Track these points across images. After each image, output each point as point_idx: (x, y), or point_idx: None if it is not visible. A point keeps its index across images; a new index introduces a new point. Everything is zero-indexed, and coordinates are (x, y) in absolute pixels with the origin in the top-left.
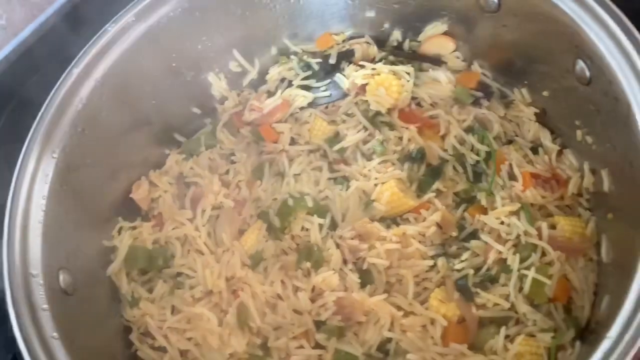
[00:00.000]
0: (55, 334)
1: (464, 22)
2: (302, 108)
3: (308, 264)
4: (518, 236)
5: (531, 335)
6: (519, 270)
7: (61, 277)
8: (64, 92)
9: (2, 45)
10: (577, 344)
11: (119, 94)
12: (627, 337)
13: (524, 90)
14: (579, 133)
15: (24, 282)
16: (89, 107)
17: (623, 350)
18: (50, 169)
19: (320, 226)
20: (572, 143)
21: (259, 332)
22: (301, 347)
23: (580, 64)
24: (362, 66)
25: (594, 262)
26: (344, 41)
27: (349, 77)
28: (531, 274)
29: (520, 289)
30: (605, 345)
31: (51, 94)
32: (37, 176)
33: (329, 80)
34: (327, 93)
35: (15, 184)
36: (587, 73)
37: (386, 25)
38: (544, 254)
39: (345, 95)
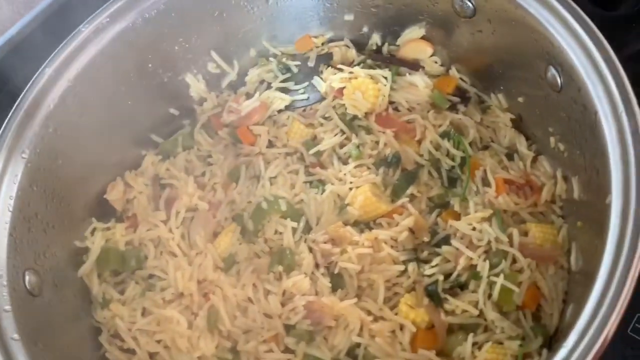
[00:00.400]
0: (15, 336)
1: (441, 26)
2: (280, 111)
3: (280, 268)
4: (489, 242)
5: (499, 342)
6: (488, 277)
7: (27, 278)
8: (35, 92)
9: None
10: (544, 352)
11: (93, 94)
12: (581, 346)
13: (501, 96)
14: (552, 140)
15: None
16: (61, 108)
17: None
18: (20, 170)
19: (294, 230)
20: (547, 150)
21: (228, 336)
22: (270, 351)
23: (552, 71)
24: (340, 69)
25: (565, 270)
26: (323, 44)
27: (327, 81)
28: (500, 281)
29: (490, 296)
30: (561, 354)
31: (22, 94)
32: (4, 176)
33: (307, 83)
34: (304, 96)
35: None
36: (559, 80)
37: (365, 29)
38: (514, 261)
39: (322, 98)
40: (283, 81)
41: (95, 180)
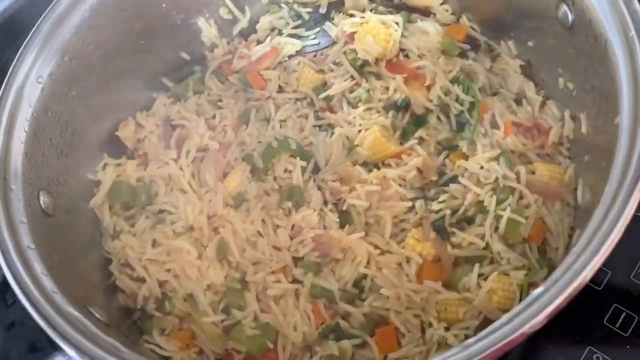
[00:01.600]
0: (32, 245)
1: None
2: (290, 56)
3: (289, 204)
4: (496, 180)
5: (505, 273)
6: (495, 211)
7: (42, 198)
8: (54, 18)
9: None
10: None
11: (108, 28)
12: (565, 277)
13: (510, 43)
14: (561, 81)
15: (2, 194)
16: (77, 37)
17: (558, 289)
18: (36, 94)
19: (303, 168)
20: (555, 93)
21: (237, 267)
22: (278, 281)
23: (563, 8)
24: (352, 15)
25: (571, 207)
26: None
27: (338, 25)
28: (507, 213)
29: (496, 229)
30: (548, 282)
31: (40, 18)
32: (22, 98)
33: (318, 29)
34: (315, 41)
35: None
36: (570, 16)
37: None
38: (521, 197)
39: (333, 43)
40: (294, 28)
41: (107, 117)
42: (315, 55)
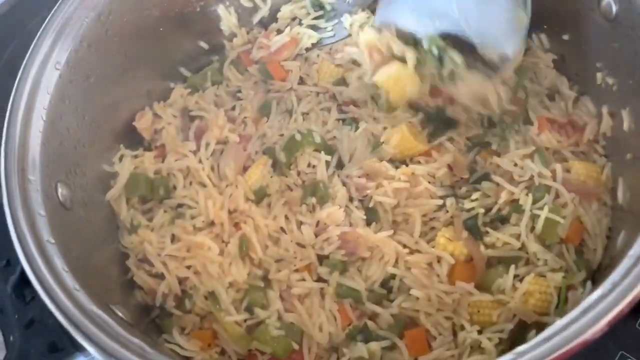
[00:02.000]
0: (51, 239)
1: None
2: (307, 49)
3: (313, 200)
4: (531, 178)
5: (541, 275)
6: (531, 210)
7: (59, 190)
8: (71, 3)
9: None
10: (589, 283)
11: (126, 13)
12: (626, 282)
13: (543, 36)
14: (599, 76)
15: (21, 186)
16: (95, 23)
17: (620, 294)
18: (53, 81)
19: (327, 163)
20: (591, 89)
21: (260, 264)
22: (303, 279)
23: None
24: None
25: (608, 207)
26: None
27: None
28: (544, 213)
29: (532, 229)
30: (605, 286)
31: (58, 3)
32: (39, 85)
33: (336, 21)
34: (331, 33)
35: (16, 90)
36: (614, 8)
37: None
38: (557, 196)
39: (348, 35)
40: (314, 18)
41: (124, 107)
42: (330, 49)
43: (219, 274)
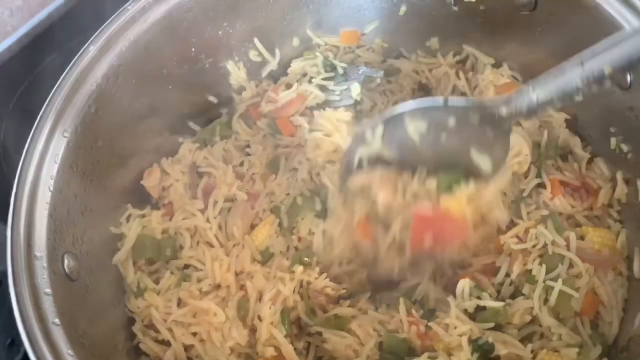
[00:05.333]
0: (57, 320)
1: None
2: (311, 108)
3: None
4: (545, 246)
5: (555, 350)
6: (544, 281)
7: (66, 262)
8: (80, 69)
9: (18, 27)
10: None
11: (135, 75)
12: None
13: None
14: (613, 141)
15: (27, 264)
16: (103, 87)
17: None
18: (61, 149)
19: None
20: (604, 151)
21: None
22: None
23: None
24: None
25: (624, 277)
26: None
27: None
28: (558, 285)
29: (545, 301)
30: None
31: (66, 70)
32: (46, 155)
33: (346, 87)
34: (338, 97)
35: (23, 161)
36: (628, 77)
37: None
38: (570, 265)
39: (352, 103)
40: (324, 79)
41: (132, 165)
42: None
43: (221, 342)
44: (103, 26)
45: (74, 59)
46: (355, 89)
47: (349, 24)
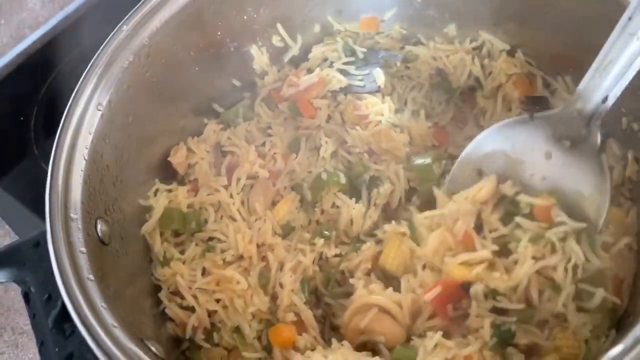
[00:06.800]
0: (91, 276)
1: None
2: (334, 92)
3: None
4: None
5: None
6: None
7: (99, 227)
8: (113, 47)
9: (49, 18)
10: (612, 332)
11: (164, 56)
12: None
13: (568, 79)
14: (624, 120)
15: (64, 224)
16: (135, 65)
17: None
18: (95, 121)
19: (350, 207)
20: (616, 132)
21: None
22: None
23: None
24: None
25: (633, 252)
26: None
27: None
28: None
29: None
30: (627, 341)
31: (101, 47)
32: (82, 126)
33: (367, 72)
34: (361, 83)
35: (61, 129)
36: None
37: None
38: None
39: (378, 90)
40: (345, 63)
41: (160, 143)
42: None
43: (243, 308)
44: (135, 8)
45: (108, 38)
46: (379, 76)
47: (368, 10)
